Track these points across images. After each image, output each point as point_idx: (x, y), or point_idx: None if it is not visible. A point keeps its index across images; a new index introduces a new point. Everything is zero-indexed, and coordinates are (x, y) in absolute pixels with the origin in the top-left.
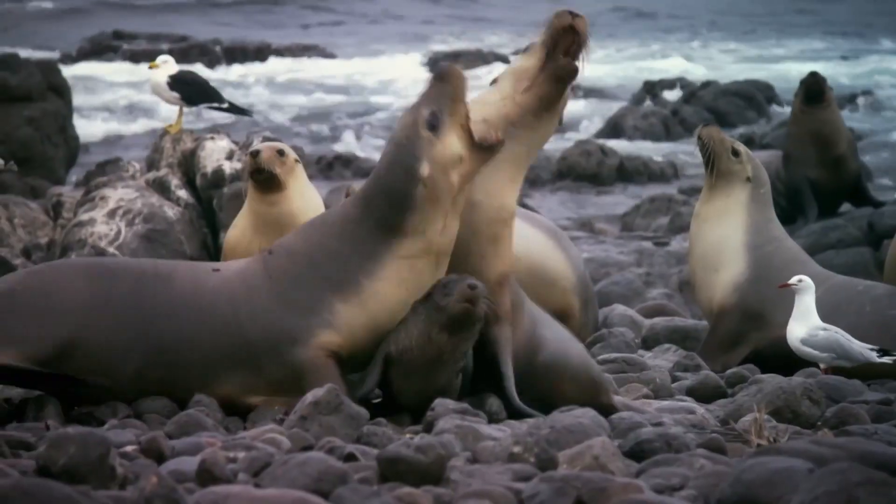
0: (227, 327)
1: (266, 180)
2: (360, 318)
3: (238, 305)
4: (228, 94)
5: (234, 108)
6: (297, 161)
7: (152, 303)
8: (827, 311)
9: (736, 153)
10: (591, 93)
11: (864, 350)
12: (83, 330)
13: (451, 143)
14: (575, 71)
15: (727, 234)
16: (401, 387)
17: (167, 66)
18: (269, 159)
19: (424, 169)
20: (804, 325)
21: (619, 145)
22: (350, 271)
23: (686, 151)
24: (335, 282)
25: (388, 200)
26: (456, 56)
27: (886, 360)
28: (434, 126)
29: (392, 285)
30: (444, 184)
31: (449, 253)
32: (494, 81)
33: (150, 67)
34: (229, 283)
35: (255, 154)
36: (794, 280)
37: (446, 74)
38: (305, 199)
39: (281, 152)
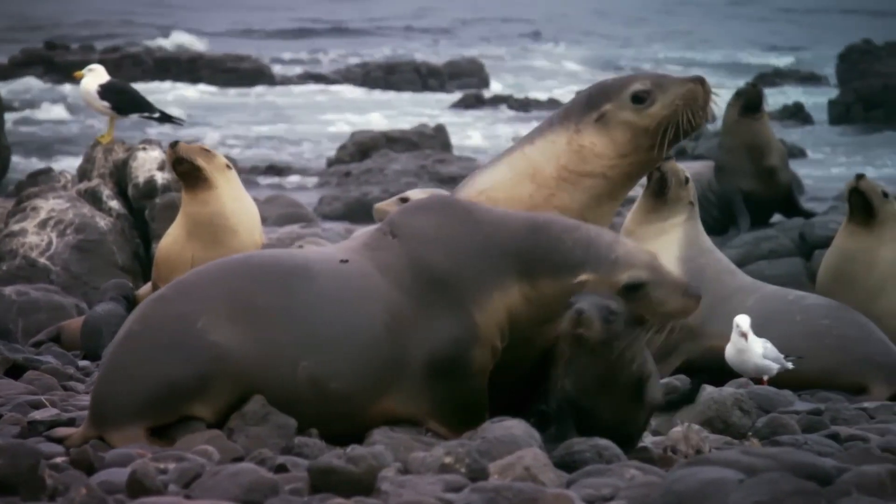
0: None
1: (189, 172)
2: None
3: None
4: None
5: (165, 117)
6: (228, 166)
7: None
8: (758, 321)
9: (686, 180)
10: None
11: (781, 358)
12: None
13: (641, 120)
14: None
15: (661, 249)
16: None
17: (97, 75)
18: (187, 149)
19: (607, 107)
20: (756, 343)
21: None
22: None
23: None
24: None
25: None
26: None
27: (790, 365)
28: (640, 99)
29: None
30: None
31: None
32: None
33: (76, 76)
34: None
35: (174, 144)
36: (741, 328)
37: (698, 80)
38: (239, 202)
39: (206, 150)
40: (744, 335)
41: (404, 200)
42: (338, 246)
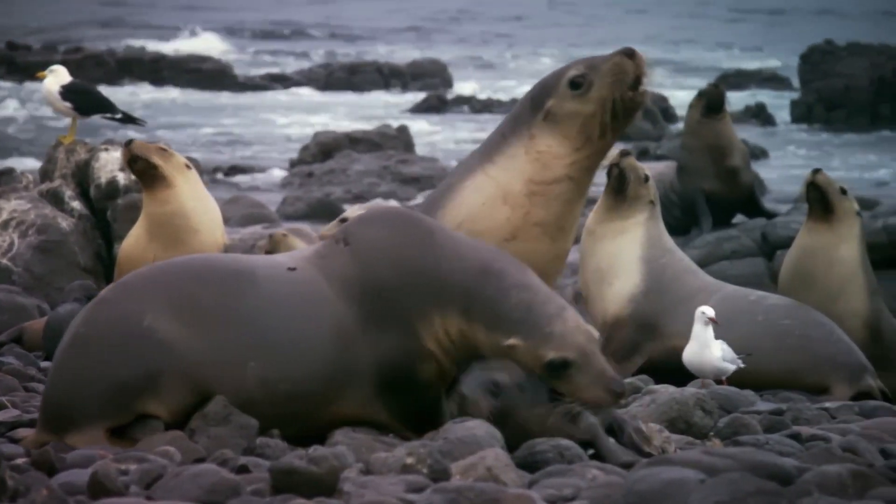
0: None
1: (145, 171)
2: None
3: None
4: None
5: (127, 118)
6: (188, 166)
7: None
8: (720, 322)
9: (646, 178)
10: (463, 101)
11: (736, 358)
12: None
13: (584, 106)
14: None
15: (622, 248)
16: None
17: (59, 76)
18: (142, 147)
19: (550, 103)
20: (716, 346)
21: None
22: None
23: None
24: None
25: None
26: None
27: (741, 363)
28: (577, 85)
29: None
30: (565, 130)
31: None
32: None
33: (39, 77)
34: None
35: (129, 143)
36: (707, 315)
37: (625, 52)
38: (199, 201)
39: (163, 149)
40: (712, 321)
41: (344, 221)
42: (291, 254)
